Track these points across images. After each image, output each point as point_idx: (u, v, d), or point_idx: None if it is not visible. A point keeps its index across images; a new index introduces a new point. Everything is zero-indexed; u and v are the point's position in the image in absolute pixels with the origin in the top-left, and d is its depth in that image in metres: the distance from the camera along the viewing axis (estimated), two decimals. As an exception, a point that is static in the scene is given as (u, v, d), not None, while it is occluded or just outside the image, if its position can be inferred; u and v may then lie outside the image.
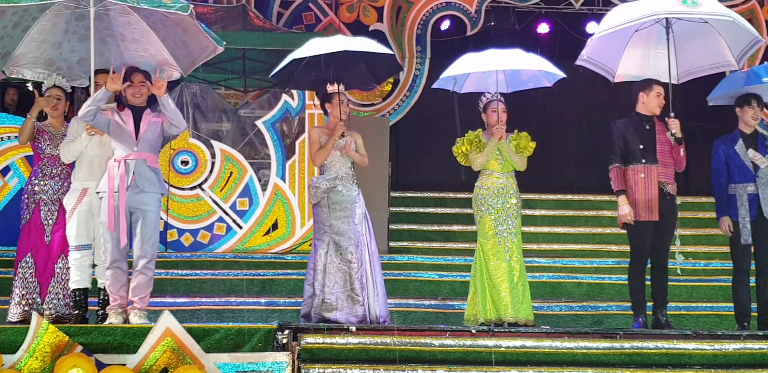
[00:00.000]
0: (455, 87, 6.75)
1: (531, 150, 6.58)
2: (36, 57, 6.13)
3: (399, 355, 5.51)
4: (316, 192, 6.32)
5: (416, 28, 11.68)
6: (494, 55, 6.55)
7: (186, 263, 8.39)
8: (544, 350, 5.60)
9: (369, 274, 6.23)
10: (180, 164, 9.05)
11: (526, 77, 6.77)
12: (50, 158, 6.09)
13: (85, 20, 5.99)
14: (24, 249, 6.05)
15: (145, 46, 6.16)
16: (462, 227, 9.52)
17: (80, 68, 6.28)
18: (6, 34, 5.91)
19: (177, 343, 5.09)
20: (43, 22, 5.95)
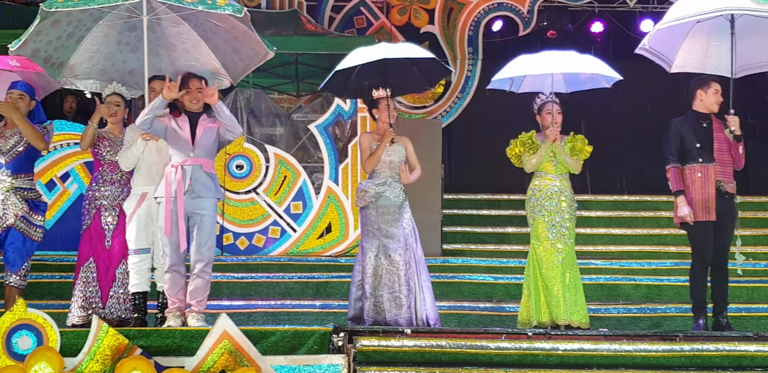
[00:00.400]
0: (512, 87, 6.72)
1: (587, 153, 6.51)
2: (89, 68, 6.24)
3: (455, 358, 5.48)
4: (363, 196, 6.33)
5: (468, 30, 11.65)
6: (549, 57, 6.50)
7: (242, 266, 8.48)
8: (602, 353, 5.53)
9: (416, 278, 6.21)
10: (235, 169, 9.15)
11: (584, 78, 6.70)
12: (110, 164, 6.18)
13: (137, 31, 6.09)
14: (86, 254, 6.14)
15: (195, 56, 6.24)
16: (516, 228, 9.45)
17: (132, 79, 6.37)
18: (60, 45, 6.02)
19: (234, 345, 5.13)
20: (96, 33, 6.05)
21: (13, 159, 6.08)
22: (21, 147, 6.10)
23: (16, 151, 6.09)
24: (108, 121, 6.27)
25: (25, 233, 6.03)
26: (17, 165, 6.08)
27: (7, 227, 5.98)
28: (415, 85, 6.81)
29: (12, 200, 6.00)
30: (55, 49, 6.02)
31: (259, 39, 6.07)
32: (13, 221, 5.98)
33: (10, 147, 6.09)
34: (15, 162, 6.08)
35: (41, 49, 5.94)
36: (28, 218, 6.06)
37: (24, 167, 6.13)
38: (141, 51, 6.02)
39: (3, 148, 6.09)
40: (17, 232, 6.00)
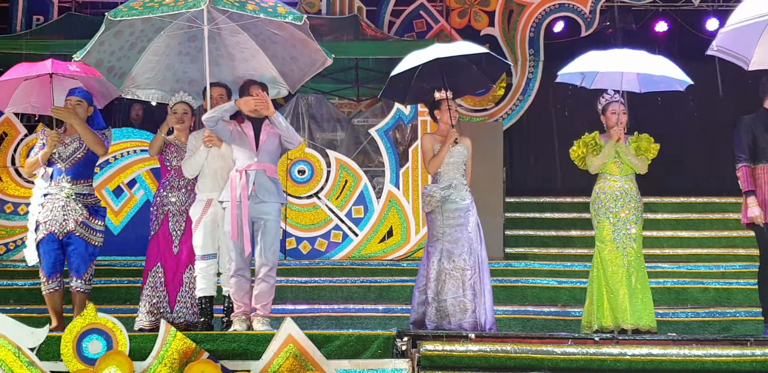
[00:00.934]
0: (583, 82, 6.61)
1: (654, 152, 6.39)
2: (150, 78, 6.34)
3: (520, 363, 5.43)
4: (430, 201, 6.31)
5: (529, 31, 11.56)
6: (621, 55, 6.40)
7: (305, 270, 8.52)
8: (671, 358, 5.42)
9: (479, 282, 6.17)
10: (297, 174, 9.22)
11: (658, 78, 6.55)
12: (177, 170, 6.25)
13: (197, 41, 6.17)
14: (154, 259, 6.22)
15: (254, 66, 6.30)
16: (580, 232, 9.34)
17: (192, 89, 6.44)
18: (123, 55, 6.13)
19: (299, 349, 5.16)
20: (157, 43, 6.15)
21: (73, 165, 6.15)
22: (80, 153, 6.18)
23: (75, 157, 6.17)
24: (175, 129, 6.36)
25: (85, 238, 6.11)
26: (77, 171, 6.16)
27: (68, 233, 6.06)
28: (476, 84, 6.75)
29: (72, 206, 6.08)
30: (118, 60, 6.13)
31: (317, 46, 6.10)
32: (74, 227, 6.06)
33: (70, 153, 6.17)
34: (74, 168, 6.15)
35: (104, 59, 6.05)
36: (87, 223, 6.14)
37: (83, 173, 6.20)
38: (201, 61, 6.11)
39: (63, 154, 6.16)
40: (78, 238, 6.08)
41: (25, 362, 5.06)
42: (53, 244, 6.07)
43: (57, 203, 6.08)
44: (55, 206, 6.08)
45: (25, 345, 5.10)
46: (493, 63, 6.49)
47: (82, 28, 9.84)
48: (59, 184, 6.11)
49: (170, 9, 5.60)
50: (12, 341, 5.08)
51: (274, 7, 5.72)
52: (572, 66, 6.43)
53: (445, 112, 6.31)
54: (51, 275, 6.09)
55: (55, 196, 6.10)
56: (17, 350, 5.07)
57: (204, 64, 5.99)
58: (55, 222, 6.05)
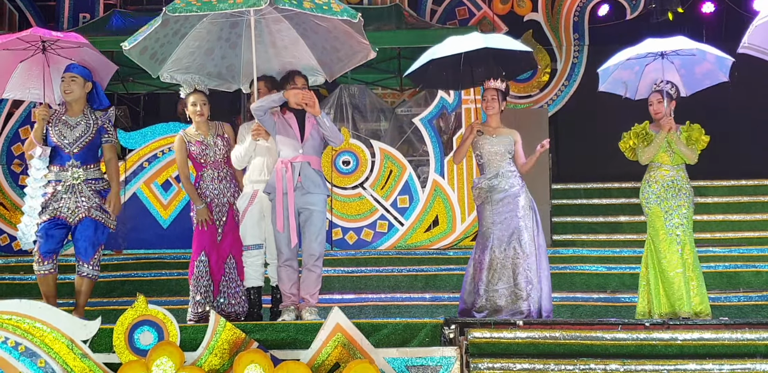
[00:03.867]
0: (627, 93, 6.57)
1: (704, 143, 6.32)
2: (189, 62, 6.34)
3: (569, 349, 5.40)
4: (479, 193, 6.31)
5: (573, 16, 11.44)
6: (653, 42, 6.32)
7: (351, 260, 8.56)
8: (723, 342, 5.35)
9: (535, 268, 6.12)
10: (342, 164, 9.24)
11: (701, 75, 6.51)
12: (212, 164, 6.18)
13: (238, 28, 6.20)
14: (198, 248, 6.15)
15: (293, 53, 6.31)
16: (629, 217, 9.24)
17: (229, 73, 6.47)
18: (167, 41, 6.14)
19: (347, 338, 5.18)
20: (199, 29, 6.16)
21: (81, 150, 5.97)
22: (88, 137, 6.00)
23: (83, 141, 5.98)
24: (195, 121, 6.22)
25: (100, 219, 5.93)
26: (85, 156, 5.98)
27: (81, 220, 5.90)
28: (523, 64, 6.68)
29: (85, 194, 5.93)
30: (161, 46, 6.15)
31: (361, 40, 6.09)
32: (87, 213, 5.90)
33: (77, 137, 5.98)
34: (82, 153, 5.97)
35: (149, 46, 6.07)
36: (103, 206, 5.97)
37: (92, 157, 6.02)
38: (239, 47, 6.17)
39: (69, 138, 5.96)
40: (90, 219, 5.88)
41: (78, 354, 5.15)
42: (58, 225, 5.88)
43: (68, 189, 5.90)
44: (65, 192, 5.90)
45: (78, 338, 5.18)
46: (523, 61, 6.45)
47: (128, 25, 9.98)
48: (69, 169, 5.96)
49: (229, 7, 5.61)
50: (65, 333, 5.16)
51: (329, 4, 5.75)
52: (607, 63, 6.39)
53: (482, 101, 6.33)
54: (47, 256, 5.87)
55: (65, 182, 5.92)
56: (70, 343, 5.16)
57: (244, 51, 6.00)
58: (66, 209, 5.88)
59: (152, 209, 9.08)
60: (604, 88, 6.60)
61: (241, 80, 6.53)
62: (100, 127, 6.06)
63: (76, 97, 6.03)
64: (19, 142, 9.37)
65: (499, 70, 6.44)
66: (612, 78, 6.50)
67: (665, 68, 6.36)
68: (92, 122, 6.04)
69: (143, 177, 9.17)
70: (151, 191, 9.14)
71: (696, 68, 6.49)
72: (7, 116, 9.51)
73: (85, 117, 6.03)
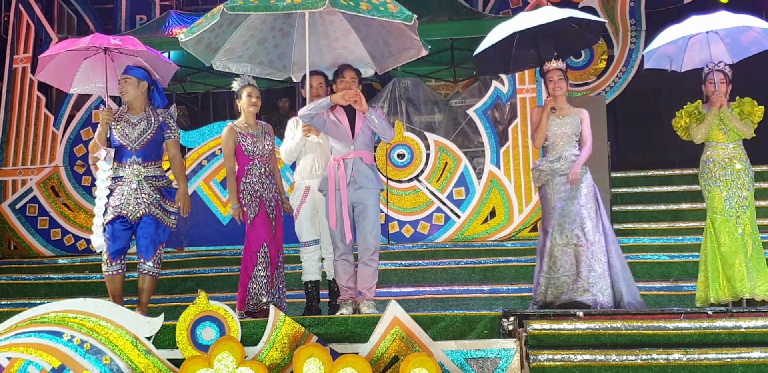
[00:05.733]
0: (673, 65, 6.47)
1: (760, 115, 6.17)
2: (242, 51, 6.41)
3: (631, 339, 5.33)
4: (540, 175, 6.22)
5: (629, 1, 11.24)
6: (698, 20, 6.20)
7: (408, 253, 8.56)
8: (789, 330, 5.23)
9: (601, 256, 6.01)
10: (396, 158, 9.24)
11: (747, 43, 6.36)
12: (260, 158, 6.16)
13: (292, 18, 6.27)
14: (260, 240, 6.07)
15: (344, 44, 6.36)
16: (691, 204, 9.06)
17: (280, 62, 6.53)
18: (222, 32, 6.21)
19: (405, 331, 5.19)
20: (253, 19, 6.22)
21: (143, 147, 6.00)
22: (150, 134, 6.05)
23: (145, 138, 6.02)
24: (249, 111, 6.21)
25: (159, 218, 5.99)
26: (147, 152, 6.01)
27: (141, 217, 5.94)
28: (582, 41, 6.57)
29: (145, 190, 5.97)
30: (216, 36, 6.23)
31: (414, 36, 6.10)
32: (147, 210, 5.94)
33: (139, 134, 6.02)
34: (144, 150, 6.01)
35: (204, 37, 6.15)
36: (163, 205, 6.04)
37: (153, 154, 6.05)
38: (291, 36, 6.25)
39: (131, 135, 6.01)
40: (150, 217, 5.92)
41: (142, 350, 5.26)
42: (123, 225, 5.93)
43: (129, 186, 5.94)
44: (127, 189, 5.94)
45: (141, 334, 5.29)
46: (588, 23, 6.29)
47: (184, 25, 10.12)
48: (130, 166, 5.98)
49: (288, 7, 5.67)
50: (129, 330, 5.28)
51: (385, 5, 5.78)
52: (653, 44, 6.29)
53: (548, 82, 6.23)
54: (116, 256, 5.94)
55: (126, 179, 5.96)
56: (134, 340, 5.27)
57: (296, 41, 6.06)
58: (127, 205, 5.90)
59: (212, 206, 9.21)
60: (649, 65, 6.51)
61: (293, 69, 6.59)
62: (162, 124, 6.12)
63: (132, 97, 6.12)
64: (81, 143, 9.59)
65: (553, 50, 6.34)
66: (657, 55, 6.40)
67: (710, 39, 6.25)
68: (153, 119, 6.11)
69: (203, 175, 9.31)
70: (211, 189, 9.27)
71: (741, 36, 6.34)
72: (69, 119, 9.73)
73: (146, 114, 6.10)
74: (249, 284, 6.06)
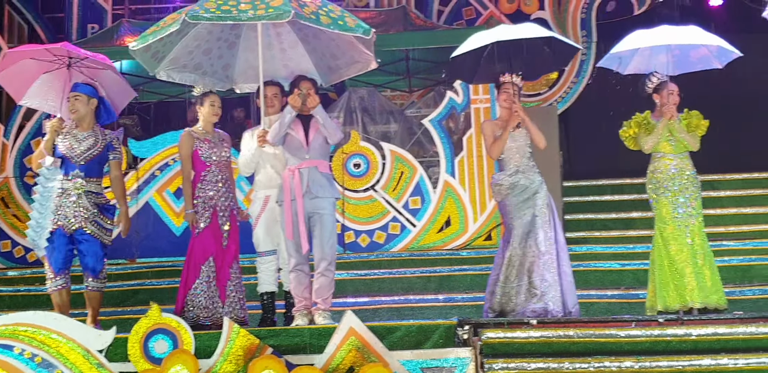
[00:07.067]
0: (619, 67, 6.56)
1: (704, 129, 6.30)
2: (187, 61, 6.35)
3: (584, 347, 5.40)
4: (499, 190, 6.28)
5: (580, 12, 11.42)
6: (667, 31, 6.31)
7: (364, 263, 8.57)
8: (738, 337, 5.34)
9: (552, 266, 6.09)
10: (353, 167, 9.26)
11: (695, 59, 6.49)
12: (216, 165, 6.14)
13: (238, 29, 6.26)
14: (205, 253, 6.05)
15: (290, 56, 6.35)
16: (641, 213, 9.18)
17: (223, 73, 6.50)
18: (169, 41, 6.15)
19: (361, 342, 5.20)
20: (200, 29, 6.18)
21: (87, 162, 6.08)
22: (95, 151, 6.11)
23: (90, 154, 6.10)
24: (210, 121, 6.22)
25: (97, 236, 6.03)
26: (89, 168, 6.09)
27: (77, 230, 5.98)
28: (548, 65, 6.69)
29: (84, 205, 6.01)
30: (164, 45, 6.17)
31: (364, 50, 6.12)
32: (84, 224, 5.99)
33: (84, 150, 6.08)
34: (88, 165, 6.08)
35: (152, 45, 6.09)
36: (99, 222, 6.07)
37: (95, 171, 6.13)
38: (237, 47, 6.24)
39: (77, 150, 6.08)
40: (91, 236, 5.99)
41: (94, 363, 5.20)
42: (63, 239, 5.98)
43: (68, 198, 6.00)
44: (66, 201, 6.00)
45: (93, 347, 5.22)
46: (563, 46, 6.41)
47: (136, 35, 10.03)
48: (73, 179, 6.03)
49: (251, 18, 5.65)
50: (81, 344, 5.21)
51: (343, 19, 5.80)
52: (617, 47, 6.38)
53: (502, 95, 6.28)
54: (60, 270, 6.00)
55: (67, 191, 6.03)
56: (86, 353, 5.20)
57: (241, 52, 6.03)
58: (64, 217, 5.97)
59: (165, 217, 9.12)
60: (600, 64, 6.60)
61: (236, 80, 6.55)
62: (109, 144, 6.19)
63: (82, 114, 6.16)
64: (31, 154, 9.43)
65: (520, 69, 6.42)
66: (610, 54, 6.48)
67: (660, 49, 6.35)
68: (101, 138, 6.18)
69: (155, 185, 9.22)
70: (164, 199, 9.18)
71: (691, 52, 6.47)
72: (19, 129, 9.58)
73: (93, 133, 6.16)
74: (187, 296, 6.01)
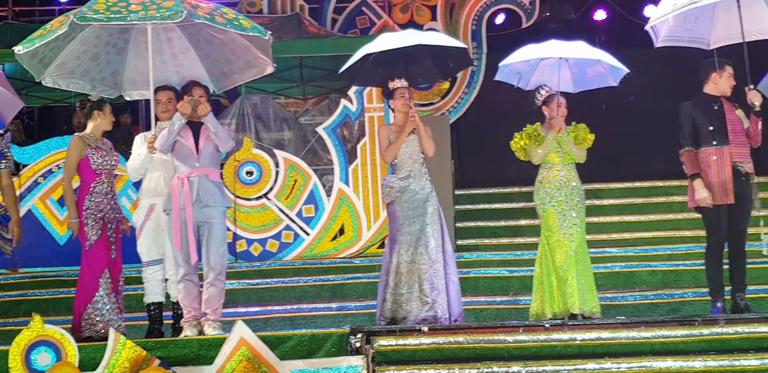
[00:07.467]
0: (520, 83, 6.72)
1: (590, 142, 6.52)
2: (74, 67, 6.16)
3: (473, 353, 5.48)
4: (389, 191, 6.28)
5: (471, 24, 11.63)
6: (558, 45, 6.51)
7: (256, 272, 8.50)
8: (620, 341, 5.51)
9: (441, 274, 6.17)
10: (245, 175, 9.17)
11: (592, 76, 6.73)
12: (106, 174, 6.03)
13: (128, 34, 6.11)
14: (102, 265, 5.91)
15: (181, 62, 6.23)
16: (529, 221, 9.41)
17: (113, 79, 6.33)
18: (56, 46, 5.96)
19: (252, 352, 5.14)
20: (87, 34, 6.00)
21: None
22: None
23: None
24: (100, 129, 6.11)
25: None
26: None
27: None
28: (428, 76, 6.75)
29: None
30: (51, 50, 5.97)
31: (259, 55, 6.06)
32: None
33: None
34: None
35: (40, 50, 5.89)
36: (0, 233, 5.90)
37: None
38: (126, 52, 6.10)
39: None
40: None
41: (-29, 378, 5.00)
42: None
43: None
44: None
45: (-29, 361, 5.02)
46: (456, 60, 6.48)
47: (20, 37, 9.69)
48: None
49: (142, 19, 5.51)
50: (-43, 357, 5.00)
51: (238, 20, 5.72)
52: (509, 59, 6.53)
53: (398, 100, 6.29)
54: None
55: None
56: (-37, 367, 5.00)
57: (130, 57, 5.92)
58: None
59: (48, 225, 8.84)
60: (499, 78, 6.73)
61: (125, 87, 6.39)
62: None
63: None
64: None
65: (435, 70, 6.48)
66: (509, 69, 6.63)
67: (561, 66, 6.54)
68: None
69: (38, 193, 8.92)
70: (47, 207, 8.89)
71: (588, 69, 6.70)
72: None
73: None
74: (86, 309, 5.86)
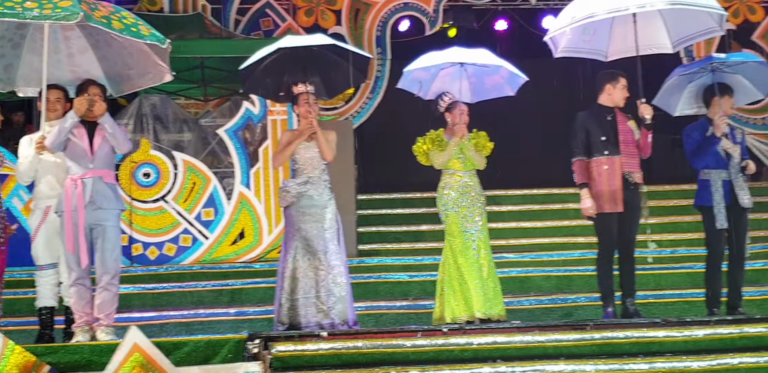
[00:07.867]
0: (420, 92, 6.80)
1: (489, 150, 6.66)
2: None
3: (371, 358, 5.48)
4: (285, 196, 6.24)
5: (375, 30, 11.70)
6: (459, 51, 6.61)
7: (152, 276, 8.34)
8: (515, 345, 5.60)
9: (340, 280, 6.16)
10: (142, 177, 8.97)
11: (489, 86, 6.87)
12: None
13: (24, 30, 5.93)
14: None
15: (78, 62, 6.07)
16: (430, 226, 9.53)
17: (6, 74, 6.10)
18: None
19: (146, 358, 5.03)
20: None
21: None
22: None
23: None
24: None
25: None
26: None
27: None
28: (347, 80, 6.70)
29: None
30: None
31: (158, 62, 5.94)
32: None
33: None
34: None
35: None
36: None
37: None
38: (22, 48, 5.93)
39: None
40: None
41: None
42: None
43: None
44: None
45: None
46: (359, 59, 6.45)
47: None
48: None
49: (37, 17, 5.32)
50: None
51: (137, 26, 5.60)
52: (411, 65, 6.60)
53: (302, 106, 6.25)
54: None
55: None
56: None
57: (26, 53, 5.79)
58: None
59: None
60: (401, 86, 6.80)
61: (19, 83, 6.17)
62: None
63: None
64: None
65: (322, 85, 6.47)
66: (411, 77, 6.71)
67: (459, 75, 6.65)
68: None
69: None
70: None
71: (486, 79, 6.85)
72: None
73: None
74: None
